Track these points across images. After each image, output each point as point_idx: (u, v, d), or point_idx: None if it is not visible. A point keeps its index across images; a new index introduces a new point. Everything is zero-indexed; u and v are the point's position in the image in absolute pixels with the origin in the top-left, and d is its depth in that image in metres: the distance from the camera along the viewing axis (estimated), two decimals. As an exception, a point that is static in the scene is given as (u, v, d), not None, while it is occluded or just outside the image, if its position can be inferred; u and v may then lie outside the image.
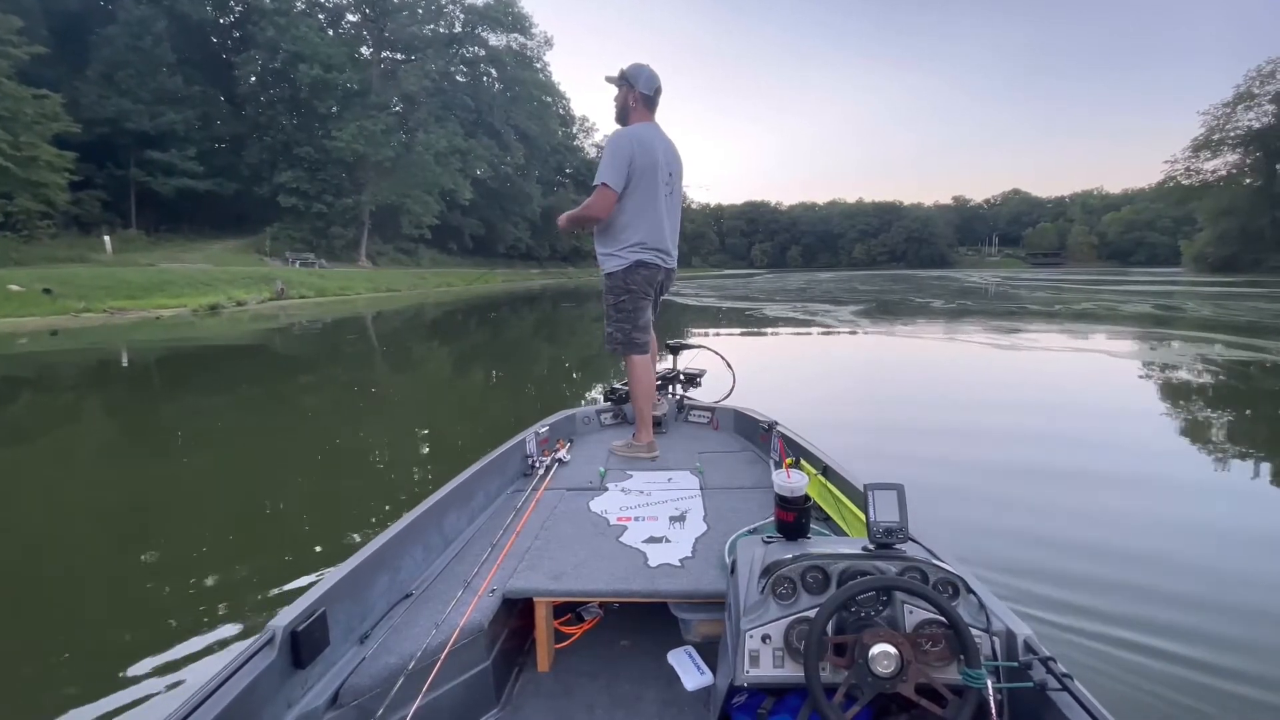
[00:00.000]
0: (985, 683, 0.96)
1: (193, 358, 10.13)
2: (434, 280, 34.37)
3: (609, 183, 2.46)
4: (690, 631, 1.60)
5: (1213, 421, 5.11)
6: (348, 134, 33.48)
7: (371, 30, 40.49)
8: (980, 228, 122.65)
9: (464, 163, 40.39)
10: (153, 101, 31.12)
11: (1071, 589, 2.32)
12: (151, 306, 17.81)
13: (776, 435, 2.39)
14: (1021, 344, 9.40)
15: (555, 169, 61.49)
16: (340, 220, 35.59)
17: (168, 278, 21.06)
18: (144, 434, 5.33)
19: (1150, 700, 1.75)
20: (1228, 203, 51.15)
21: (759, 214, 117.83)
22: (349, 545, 2.81)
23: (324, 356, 10.26)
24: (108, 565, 2.84)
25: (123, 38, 31.24)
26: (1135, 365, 7.63)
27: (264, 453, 4.61)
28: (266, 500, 3.60)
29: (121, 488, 3.92)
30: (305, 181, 34.23)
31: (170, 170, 31.37)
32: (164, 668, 1.96)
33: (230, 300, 19.67)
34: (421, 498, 1.76)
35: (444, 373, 8.58)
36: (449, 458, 4.42)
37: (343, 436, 4.98)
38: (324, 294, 24.94)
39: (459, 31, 43.92)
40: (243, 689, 0.99)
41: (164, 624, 2.23)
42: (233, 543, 2.97)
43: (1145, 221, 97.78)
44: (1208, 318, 13.63)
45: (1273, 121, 48.16)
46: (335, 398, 6.66)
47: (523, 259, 56.31)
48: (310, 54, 32.80)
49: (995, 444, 4.41)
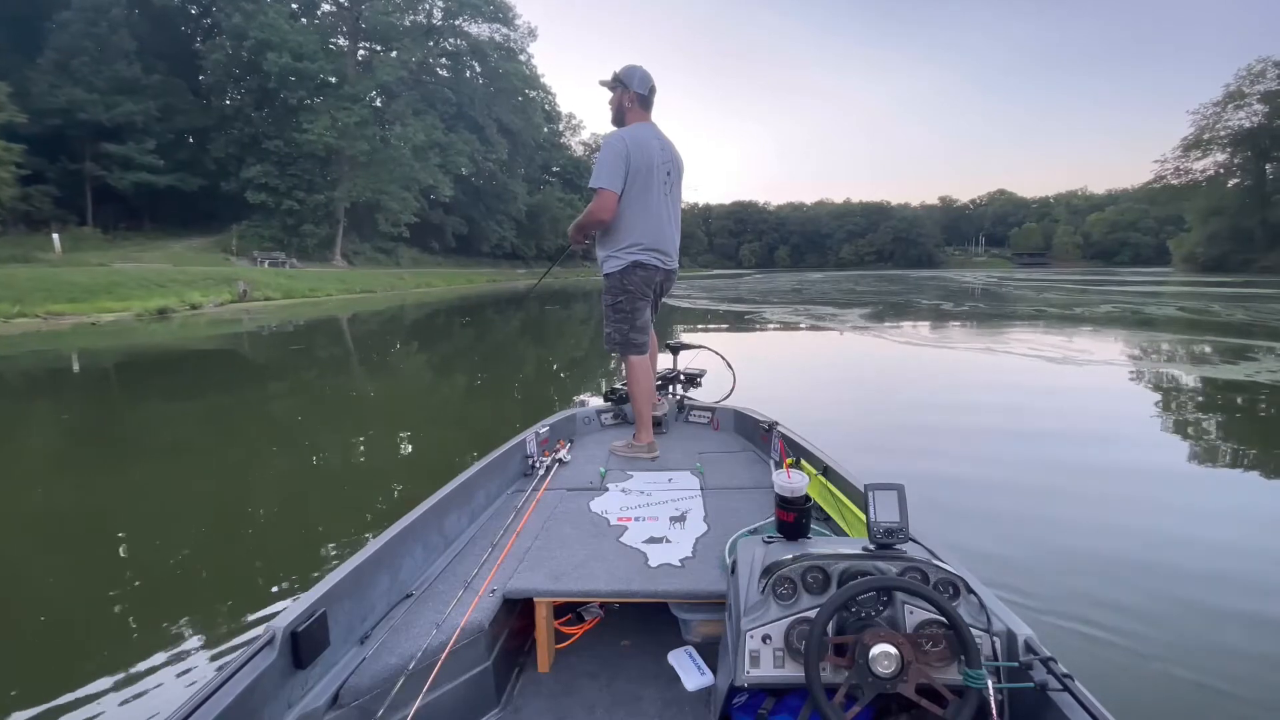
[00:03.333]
0: (986, 683, 0.95)
1: (93, 374, 8.61)
2: (413, 281, 33.03)
3: (606, 185, 2.41)
4: (691, 632, 1.60)
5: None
6: (319, 126, 31.86)
7: (347, 19, 38.77)
8: (967, 228, 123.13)
9: (444, 157, 38.93)
10: (109, 91, 29.40)
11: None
12: (94, 310, 16.27)
13: (777, 435, 2.38)
14: (1074, 356, 8.19)
15: (541, 166, 60.18)
16: (312, 218, 33.90)
17: (117, 279, 19.46)
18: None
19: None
20: (1217, 203, 51.09)
21: (747, 214, 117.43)
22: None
23: (272, 369, 8.79)
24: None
25: (77, 23, 29.62)
26: (1236, 382, 6.46)
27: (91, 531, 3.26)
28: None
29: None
30: (275, 177, 32.55)
31: (128, 164, 29.58)
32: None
33: (183, 304, 18.05)
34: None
35: (411, 387, 7.20)
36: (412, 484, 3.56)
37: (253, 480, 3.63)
38: (292, 296, 23.38)
39: (439, 22, 42.31)
40: (243, 689, 0.98)
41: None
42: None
43: (1129, 222, 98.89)
44: (1246, 322, 12.62)
45: (1263, 121, 48.05)
46: (264, 426, 5.28)
47: (508, 259, 54.92)
48: (279, 42, 31.09)
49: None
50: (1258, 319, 13.28)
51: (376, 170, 35.34)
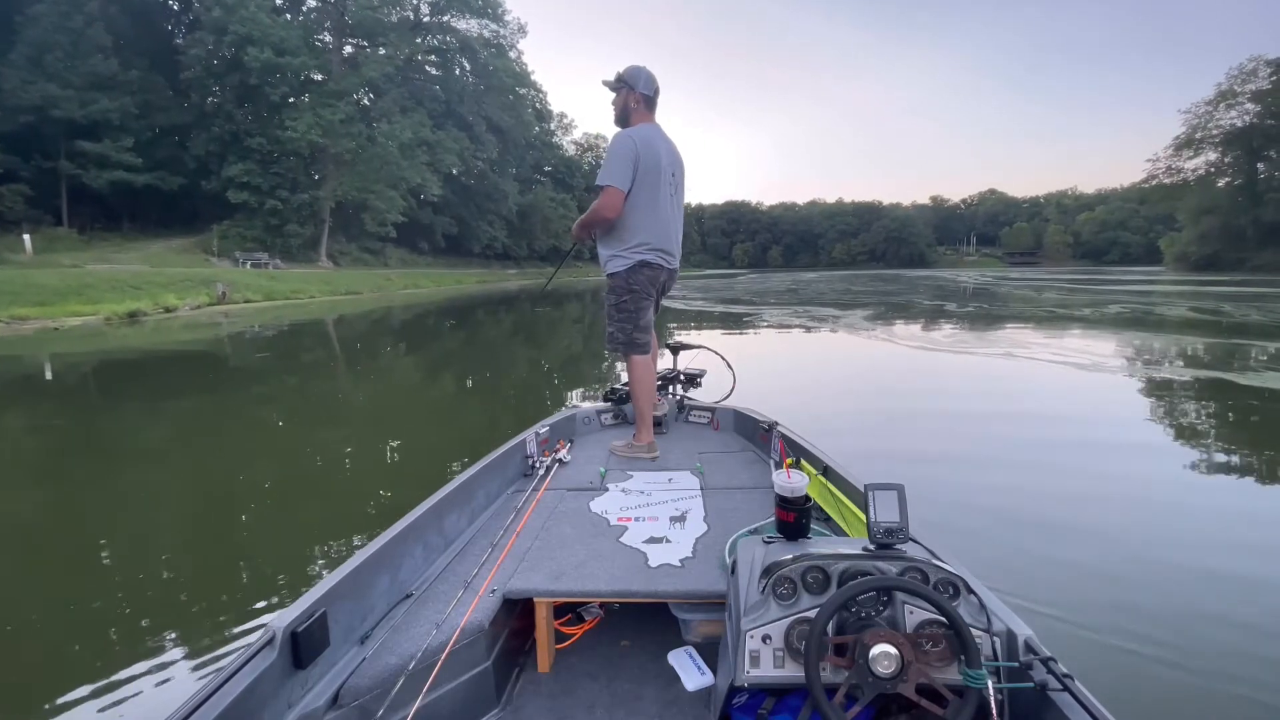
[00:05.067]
0: (986, 683, 0.95)
1: (30, 384, 7.89)
2: (400, 282, 32.24)
3: (615, 183, 2.41)
4: (690, 632, 1.59)
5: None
6: (303, 124, 30.99)
7: (331, 15, 37.87)
8: (958, 227, 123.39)
9: (432, 156, 38.08)
10: (84, 87, 28.35)
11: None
12: (63, 314, 15.47)
13: (777, 435, 2.37)
14: (1105, 363, 7.65)
15: (533, 166, 59.41)
16: (296, 217, 32.97)
17: (89, 281, 18.65)
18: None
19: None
20: (1209, 202, 51.12)
21: (740, 214, 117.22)
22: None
23: (238, 378, 8.10)
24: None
25: (51, 17, 28.51)
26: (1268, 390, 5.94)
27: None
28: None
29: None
30: (257, 175, 31.59)
31: (103, 163, 28.58)
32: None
33: (157, 306, 17.25)
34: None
35: (397, 394, 6.55)
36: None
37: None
38: (273, 298, 22.59)
39: (426, 18, 41.48)
40: (243, 689, 0.98)
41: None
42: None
43: (1118, 221, 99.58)
44: (1263, 324, 12.19)
45: (1254, 120, 48.10)
46: (234, 441, 4.63)
47: (499, 259, 54.12)
48: (261, 36, 30.18)
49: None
50: (1273, 319, 12.88)
51: (362, 169, 34.46)
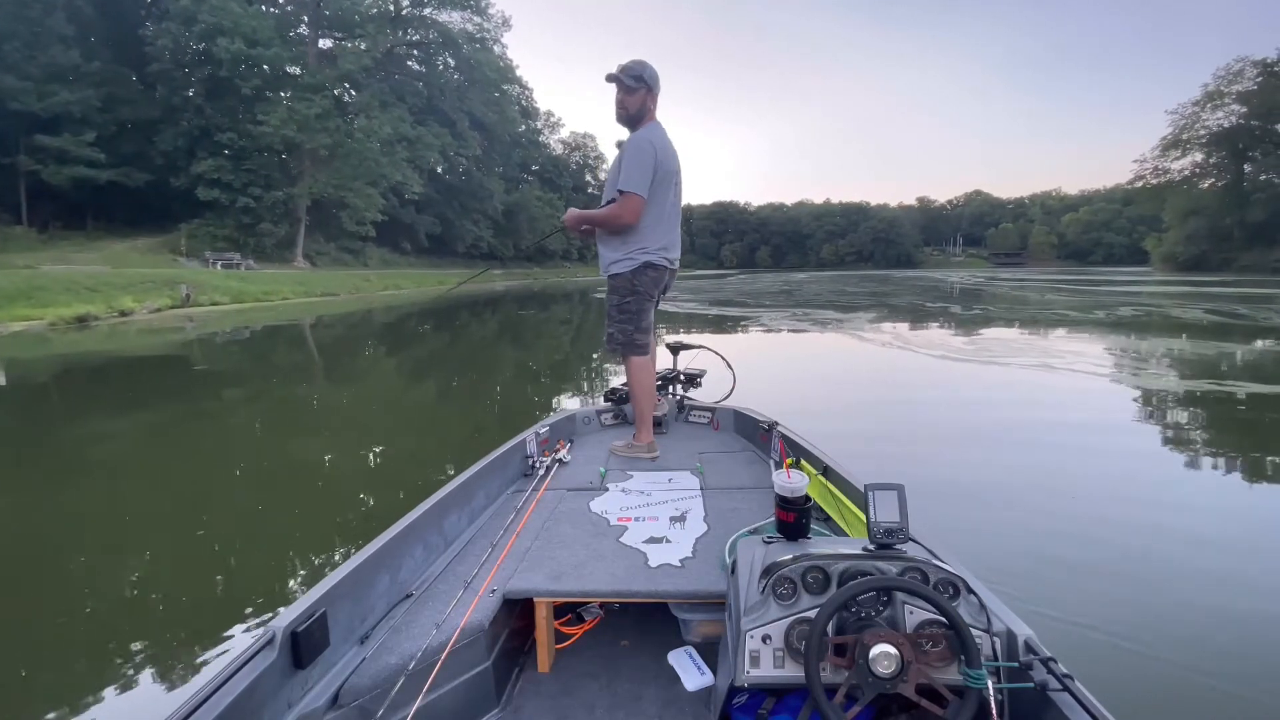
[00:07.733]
0: (986, 683, 0.95)
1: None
2: (380, 282, 31.03)
3: (638, 190, 2.38)
4: (690, 632, 1.59)
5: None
6: (277, 118, 29.67)
7: (307, 6, 36.49)
8: (944, 228, 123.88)
9: (413, 152, 36.81)
10: (43, 79, 26.87)
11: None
12: (6, 319, 14.28)
13: (777, 435, 2.37)
14: (1164, 384, 6.88)
15: (519, 164, 58.25)
16: (270, 216, 31.59)
17: (40, 283, 17.39)
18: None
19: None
20: (1196, 202, 51.30)
21: (728, 214, 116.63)
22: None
23: (190, 391, 7.07)
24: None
25: (8, 5, 26.97)
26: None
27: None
28: None
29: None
30: (229, 172, 30.15)
31: (63, 158, 27.08)
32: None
33: (111, 310, 16.05)
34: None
35: (373, 402, 5.59)
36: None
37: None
38: (242, 300, 21.38)
39: (406, 9, 40.21)
40: (243, 689, 0.97)
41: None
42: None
43: (1102, 222, 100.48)
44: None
45: (1240, 121, 48.28)
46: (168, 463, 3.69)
47: (484, 259, 52.86)
48: (231, 26, 28.86)
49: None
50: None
51: (340, 165, 33.12)
